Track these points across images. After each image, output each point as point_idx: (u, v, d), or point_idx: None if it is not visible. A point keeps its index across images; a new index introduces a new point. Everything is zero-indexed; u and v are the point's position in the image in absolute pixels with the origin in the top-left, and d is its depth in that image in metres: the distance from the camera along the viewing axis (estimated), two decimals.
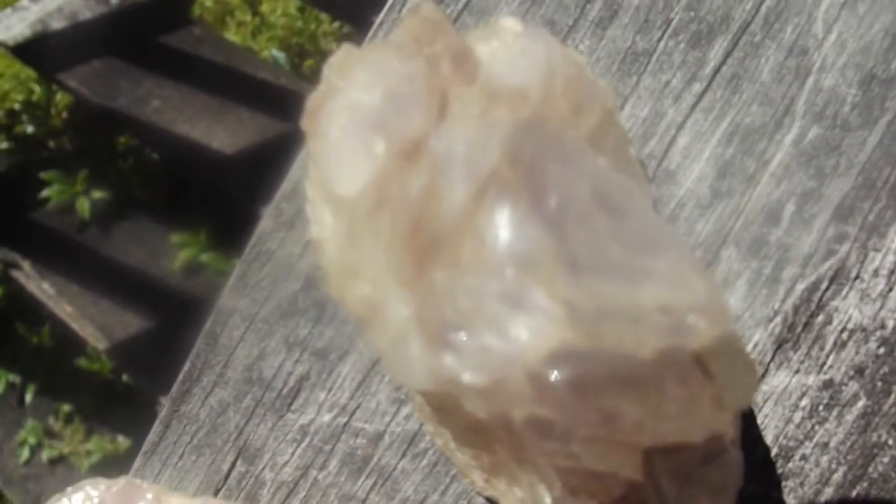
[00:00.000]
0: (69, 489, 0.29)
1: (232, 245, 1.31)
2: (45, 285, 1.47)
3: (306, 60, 1.48)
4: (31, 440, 1.47)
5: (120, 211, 1.49)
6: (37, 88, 1.46)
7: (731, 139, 0.32)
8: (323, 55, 1.45)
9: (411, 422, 0.33)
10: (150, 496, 0.28)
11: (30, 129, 1.47)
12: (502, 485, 0.29)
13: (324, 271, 0.29)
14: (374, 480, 0.33)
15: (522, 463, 0.27)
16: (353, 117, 0.26)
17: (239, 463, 0.34)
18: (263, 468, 0.34)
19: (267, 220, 0.35)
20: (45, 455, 1.47)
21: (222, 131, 1.41)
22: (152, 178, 1.52)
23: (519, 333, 0.22)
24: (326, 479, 0.33)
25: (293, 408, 0.34)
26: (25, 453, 1.46)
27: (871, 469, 0.30)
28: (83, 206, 1.45)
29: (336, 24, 1.45)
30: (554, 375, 0.21)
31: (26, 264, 1.48)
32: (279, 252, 0.34)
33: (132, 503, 0.28)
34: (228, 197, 1.39)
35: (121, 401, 1.52)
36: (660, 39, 0.33)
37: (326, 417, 0.33)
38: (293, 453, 0.34)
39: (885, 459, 0.30)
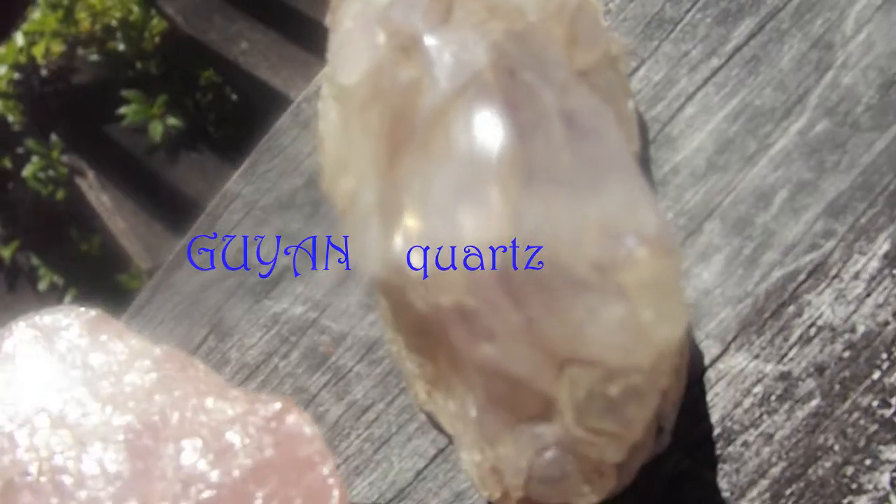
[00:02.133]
0: (41, 312, 0.31)
1: None
2: (105, 198, 1.53)
3: None
4: None
5: (189, 142, 1.54)
6: (135, 9, 1.52)
7: (738, 117, 0.33)
8: None
9: (374, 329, 0.34)
10: (115, 333, 0.30)
11: (121, 46, 1.53)
12: (440, 398, 0.30)
13: (321, 166, 0.31)
14: (328, 378, 0.34)
15: (458, 372, 0.28)
16: (364, 12, 0.27)
17: (210, 338, 0.36)
18: (231, 347, 0.35)
19: (286, 117, 0.36)
20: None
21: (303, 84, 1.44)
22: (226, 117, 1.56)
23: (464, 222, 0.23)
24: (286, 369, 0.35)
25: (271, 295, 0.35)
26: None
27: (810, 471, 0.30)
28: (156, 129, 1.50)
29: None
30: (486, 267, 0.22)
31: (91, 174, 1.54)
32: (290, 148, 0.36)
33: (98, 333, 0.30)
34: None
35: None
36: (688, 10, 0.33)
37: (299, 310, 0.35)
38: (261, 338, 0.35)
39: (828, 464, 0.30)
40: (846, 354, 0.30)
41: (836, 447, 0.30)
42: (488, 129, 0.24)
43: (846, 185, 0.31)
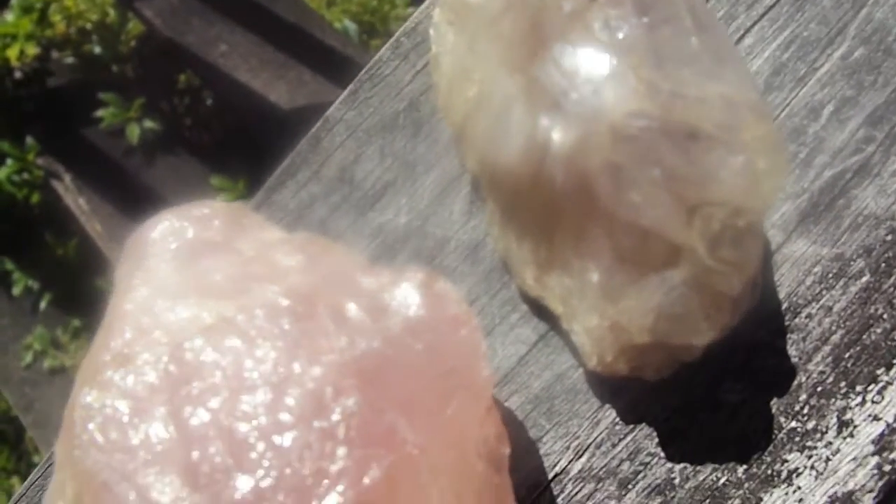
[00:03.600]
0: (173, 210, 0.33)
1: None
2: (82, 200, 1.53)
3: (374, 39, 1.55)
4: (37, 346, 1.51)
5: (167, 145, 1.55)
6: (111, 12, 1.53)
7: (789, 47, 0.38)
8: (390, 38, 1.52)
9: (477, 232, 0.38)
10: (256, 223, 0.33)
11: (97, 49, 1.53)
12: (552, 280, 0.34)
13: (435, 85, 0.35)
14: None
15: (578, 243, 0.32)
16: None
17: None
18: None
19: (385, 51, 0.40)
20: (46, 363, 1.51)
21: (282, 87, 1.47)
22: (204, 121, 1.58)
23: (607, 97, 0.27)
24: None
25: (375, 208, 0.39)
26: (28, 357, 1.50)
27: (865, 336, 0.35)
28: (133, 132, 1.51)
29: (409, 10, 1.52)
30: (630, 129, 0.27)
31: (67, 177, 1.54)
32: (391, 77, 0.40)
33: (241, 222, 0.33)
34: (274, 152, 1.44)
35: None
36: None
37: (403, 219, 0.39)
38: (366, 246, 0.39)
39: (879, 331, 0.35)
40: (889, 238, 0.36)
41: (885, 315, 0.35)
42: (621, 22, 0.28)
43: (882, 99, 0.37)
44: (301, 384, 0.27)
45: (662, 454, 0.35)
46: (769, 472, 0.35)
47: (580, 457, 0.36)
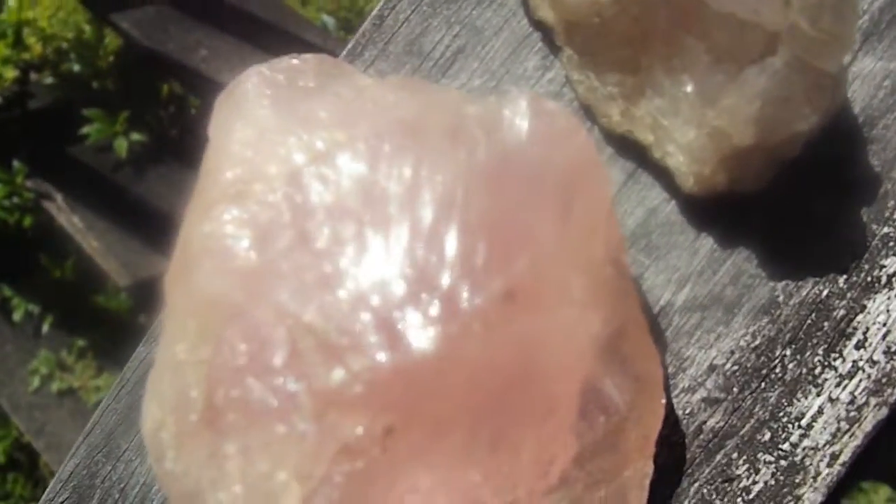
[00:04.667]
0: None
1: None
2: (75, 219, 1.51)
3: (351, 35, 1.56)
4: (43, 370, 1.48)
5: (156, 155, 1.54)
6: (87, 28, 1.53)
7: None
8: None
9: (554, 85, 0.38)
10: (348, 70, 0.33)
11: (76, 67, 1.52)
12: (640, 109, 0.35)
13: None
14: None
15: (669, 60, 0.33)
16: None
17: None
18: None
19: None
20: (54, 386, 1.49)
21: None
22: (190, 128, 1.57)
23: None
24: None
25: (447, 75, 0.39)
26: (36, 382, 1.48)
27: None
28: (121, 146, 1.50)
29: None
30: None
31: (59, 197, 1.52)
32: None
33: (332, 71, 0.32)
34: None
35: (135, 341, 1.55)
36: None
37: (477, 82, 0.39)
38: None
39: None
40: None
41: None
42: None
43: None
44: (432, 188, 0.27)
45: (763, 274, 0.36)
46: (868, 279, 0.35)
47: (683, 288, 0.36)
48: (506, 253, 0.27)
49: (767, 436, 0.35)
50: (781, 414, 0.35)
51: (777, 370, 0.35)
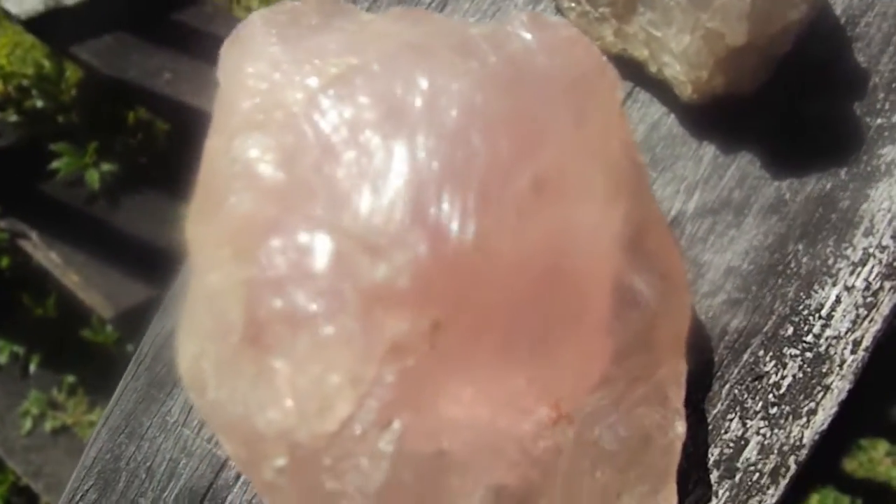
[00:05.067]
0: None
1: None
2: (53, 255, 1.49)
3: None
4: (34, 411, 1.46)
5: (128, 183, 1.53)
6: (46, 63, 1.51)
7: None
8: None
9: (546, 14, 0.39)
10: (349, 9, 0.33)
11: (39, 103, 1.51)
12: (633, 26, 0.36)
13: None
14: None
15: None
16: None
17: None
18: None
19: None
20: (48, 426, 1.46)
21: None
22: (160, 153, 1.56)
23: None
24: None
25: (443, 14, 0.40)
26: (28, 424, 1.45)
27: None
28: (92, 177, 1.48)
29: None
30: None
31: (34, 235, 1.50)
32: None
33: (330, 10, 0.33)
34: None
35: (124, 372, 1.53)
36: None
37: (472, 20, 0.40)
38: None
39: None
40: None
41: None
42: None
43: None
44: (450, 96, 0.28)
45: (768, 175, 0.37)
46: (868, 168, 0.36)
47: (692, 196, 0.37)
48: (530, 146, 0.27)
49: (790, 330, 0.35)
50: (801, 307, 0.35)
51: (792, 265, 0.36)
